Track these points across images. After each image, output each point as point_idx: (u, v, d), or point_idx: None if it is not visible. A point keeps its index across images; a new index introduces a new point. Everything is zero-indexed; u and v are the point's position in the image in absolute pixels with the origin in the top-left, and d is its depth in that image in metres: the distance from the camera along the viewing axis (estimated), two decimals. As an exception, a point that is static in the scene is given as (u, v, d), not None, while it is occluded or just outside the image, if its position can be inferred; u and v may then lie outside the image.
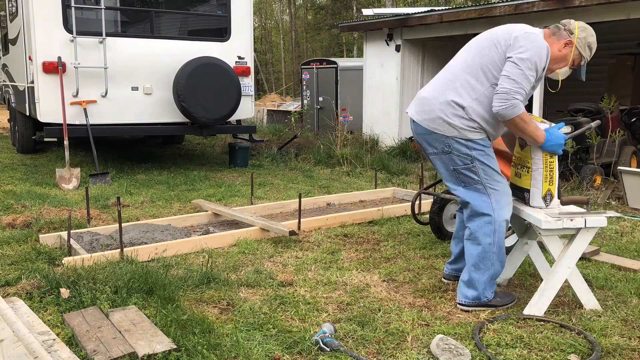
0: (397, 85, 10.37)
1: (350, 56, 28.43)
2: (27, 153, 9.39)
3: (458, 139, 3.16)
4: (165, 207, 5.83)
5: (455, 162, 3.20)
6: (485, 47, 3.15)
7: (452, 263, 3.67)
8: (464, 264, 3.54)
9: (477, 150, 3.16)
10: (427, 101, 3.25)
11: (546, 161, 3.21)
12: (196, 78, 7.65)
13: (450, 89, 3.17)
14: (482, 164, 3.17)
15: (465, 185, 3.23)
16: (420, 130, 3.31)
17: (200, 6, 8.59)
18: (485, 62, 3.12)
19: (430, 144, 3.27)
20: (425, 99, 3.27)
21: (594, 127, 4.76)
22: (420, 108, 3.29)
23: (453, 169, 3.23)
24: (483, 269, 3.22)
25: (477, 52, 3.18)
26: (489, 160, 3.20)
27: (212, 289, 3.48)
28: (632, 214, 5.61)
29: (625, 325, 3.04)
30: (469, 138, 3.15)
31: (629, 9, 7.12)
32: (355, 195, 6.39)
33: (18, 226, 4.82)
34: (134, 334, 2.75)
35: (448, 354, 2.62)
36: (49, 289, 3.35)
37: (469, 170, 3.19)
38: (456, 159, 3.19)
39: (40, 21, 7.18)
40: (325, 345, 2.70)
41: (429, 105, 3.23)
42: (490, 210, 3.16)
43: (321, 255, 4.24)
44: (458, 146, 3.17)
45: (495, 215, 3.16)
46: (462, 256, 3.55)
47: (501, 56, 3.08)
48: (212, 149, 10.90)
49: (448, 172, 3.29)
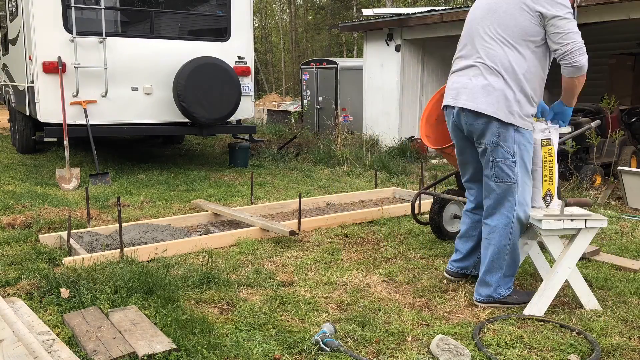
0: (397, 85, 10.37)
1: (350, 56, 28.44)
2: (27, 153, 9.39)
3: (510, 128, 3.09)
4: (165, 207, 5.83)
5: (499, 154, 3.14)
6: (512, 16, 3.08)
7: (457, 261, 3.67)
8: (470, 262, 3.57)
9: (521, 143, 3.12)
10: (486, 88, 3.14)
11: (545, 160, 3.21)
12: (196, 78, 7.65)
13: (495, 73, 3.11)
14: (522, 159, 3.14)
15: (498, 181, 3.17)
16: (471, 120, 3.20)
17: (200, 6, 8.60)
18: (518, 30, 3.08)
19: (480, 134, 3.18)
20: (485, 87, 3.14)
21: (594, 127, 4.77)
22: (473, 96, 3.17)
23: (492, 160, 3.17)
24: (497, 268, 3.25)
25: (503, 23, 3.11)
26: (529, 157, 3.17)
27: (212, 289, 3.48)
28: (632, 214, 5.61)
29: (625, 325, 3.04)
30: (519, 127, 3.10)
31: (629, 9, 7.12)
32: (355, 195, 6.39)
33: (18, 226, 4.82)
34: (134, 334, 2.75)
35: (448, 354, 2.62)
36: (49, 289, 3.35)
37: (507, 166, 3.14)
38: (501, 150, 3.13)
39: (40, 21, 7.18)
40: (325, 345, 2.70)
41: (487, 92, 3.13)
42: (512, 211, 3.17)
43: (321, 255, 4.24)
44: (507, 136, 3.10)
45: (513, 216, 3.17)
46: (469, 255, 3.60)
47: (534, 19, 3.03)
48: (212, 149, 10.90)
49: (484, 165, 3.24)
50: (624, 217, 5.48)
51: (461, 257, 3.65)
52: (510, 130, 3.09)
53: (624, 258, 4.18)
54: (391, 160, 8.71)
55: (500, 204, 3.19)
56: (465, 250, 3.62)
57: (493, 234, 3.23)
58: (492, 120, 3.10)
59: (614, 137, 7.16)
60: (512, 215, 3.16)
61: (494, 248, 3.23)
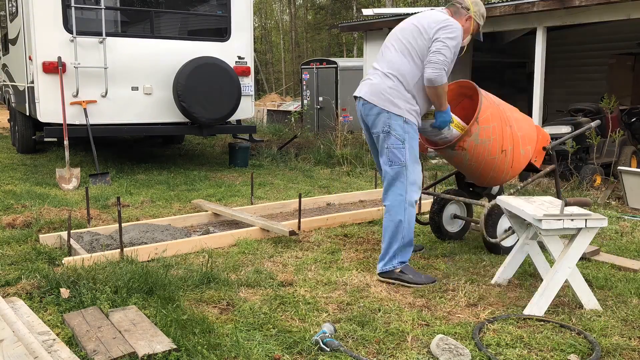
0: (397, 85, 10.34)
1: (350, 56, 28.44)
2: (27, 153, 9.39)
3: None
4: (165, 207, 5.83)
5: (391, 141, 3.68)
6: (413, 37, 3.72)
7: None
8: None
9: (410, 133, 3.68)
10: None
11: None
12: (196, 78, 7.65)
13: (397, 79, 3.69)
14: (411, 147, 3.68)
15: (391, 164, 3.70)
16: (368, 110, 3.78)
17: (200, 6, 8.60)
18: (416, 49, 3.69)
19: None
20: None
21: (594, 127, 4.76)
22: None
23: (386, 147, 3.71)
24: (394, 242, 3.69)
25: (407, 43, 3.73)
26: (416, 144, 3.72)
27: (212, 289, 3.48)
28: (632, 214, 5.61)
29: (625, 325, 3.04)
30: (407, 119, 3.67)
31: (629, 9, 7.12)
32: (355, 195, 6.39)
33: (18, 226, 4.82)
34: (134, 334, 2.75)
35: (448, 354, 2.62)
36: (49, 289, 3.35)
37: (398, 151, 3.67)
38: (392, 138, 3.67)
39: (40, 21, 7.18)
40: (325, 345, 2.70)
41: None
42: (404, 190, 3.69)
43: (321, 255, 4.24)
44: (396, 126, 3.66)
45: (405, 195, 3.68)
46: None
47: (427, 42, 3.64)
48: (212, 149, 10.90)
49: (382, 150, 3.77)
50: (624, 217, 5.48)
51: None
52: (399, 121, 3.64)
53: (624, 258, 4.18)
54: (391, 160, 8.69)
55: (393, 184, 3.71)
56: None
57: (389, 212, 3.72)
58: (383, 112, 3.66)
59: (614, 137, 7.16)
60: (404, 194, 3.67)
61: (392, 224, 3.69)
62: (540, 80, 8.07)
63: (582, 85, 11.37)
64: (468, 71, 10.90)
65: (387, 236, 3.73)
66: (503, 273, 3.65)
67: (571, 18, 7.76)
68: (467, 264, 4.06)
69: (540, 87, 8.10)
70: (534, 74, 8.18)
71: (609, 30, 10.37)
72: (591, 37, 11.17)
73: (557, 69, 11.18)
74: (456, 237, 4.68)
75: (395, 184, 3.70)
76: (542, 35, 8.02)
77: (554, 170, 4.40)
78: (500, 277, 3.66)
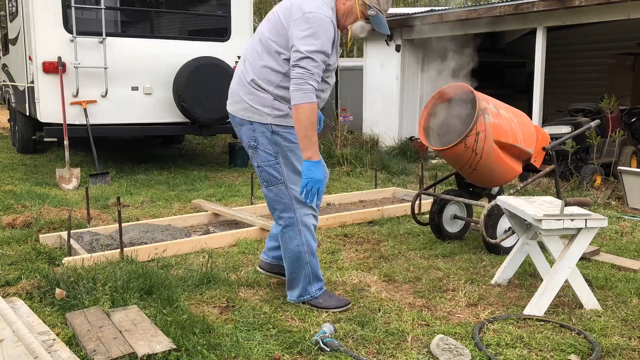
0: (397, 85, 10.36)
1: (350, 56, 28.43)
2: (27, 153, 9.38)
3: None
4: (165, 207, 5.83)
5: (261, 158, 3.06)
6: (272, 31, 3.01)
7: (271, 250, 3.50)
8: None
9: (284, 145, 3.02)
10: None
11: None
12: (196, 78, 7.64)
13: None
14: (287, 160, 3.04)
15: (267, 185, 3.10)
16: None
17: (200, 6, 8.59)
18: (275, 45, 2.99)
19: None
20: None
21: (594, 127, 4.76)
22: None
23: (257, 165, 3.10)
24: (299, 270, 3.18)
25: None
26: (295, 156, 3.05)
27: (212, 289, 3.48)
28: (632, 214, 5.61)
29: (625, 325, 3.04)
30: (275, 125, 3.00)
31: (629, 9, 7.12)
32: (355, 195, 6.39)
33: (18, 226, 4.82)
34: (134, 334, 2.75)
35: (448, 354, 2.62)
36: (49, 289, 3.35)
37: (272, 168, 3.05)
38: (261, 154, 3.05)
39: (40, 21, 7.17)
40: (325, 345, 2.70)
41: None
42: (291, 211, 3.08)
43: (321, 255, 4.24)
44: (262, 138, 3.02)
45: (295, 215, 3.09)
46: None
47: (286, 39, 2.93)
48: (212, 149, 10.90)
49: None
50: (624, 217, 5.48)
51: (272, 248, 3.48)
52: (265, 132, 3.00)
53: (624, 258, 4.18)
54: (391, 160, 8.71)
55: (278, 208, 3.10)
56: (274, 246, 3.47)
57: (283, 238, 3.15)
58: (245, 122, 3.04)
59: (614, 137, 7.16)
60: (294, 214, 3.08)
61: (290, 252, 3.15)
62: (540, 80, 8.07)
63: (582, 85, 11.37)
64: (468, 71, 10.91)
65: (287, 265, 3.21)
66: (503, 273, 3.65)
67: (571, 18, 7.76)
68: (467, 264, 4.06)
69: (540, 87, 8.10)
70: (534, 74, 8.18)
71: (609, 30, 10.37)
72: (591, 37, 11.17)
73: (557, 69, 11.17)
74: (456, 237, 4.68)
75: (279, 206, 3.10)
76: (542, 35, 8.02)
77: (553, 170, 4.41)
78: (500, 277, 3.66)
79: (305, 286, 3.22)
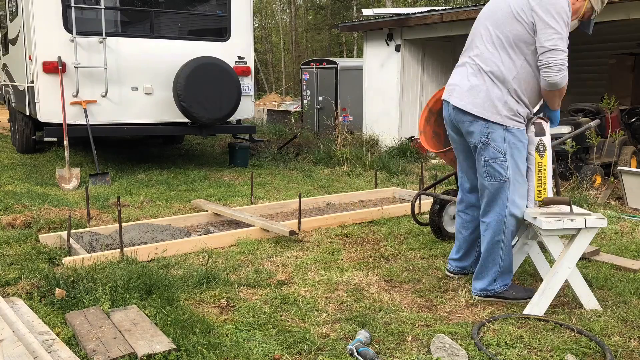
0: (397, 85, 10.37)
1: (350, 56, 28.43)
2: (27, 153, 9.38)
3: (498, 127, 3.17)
4: (165, 207, 5.83)
5: (489, 153, 3.21)
6: (507, 23, 3.14)
7: (456, 260, 3.74)
8: (467, 262, 3.65)
9: (512, 142, 3.19)
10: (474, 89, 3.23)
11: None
12: (196, 78, 7.64)
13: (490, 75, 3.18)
14: (512, 158, 3.20)
15: (490, 179, 3.25)
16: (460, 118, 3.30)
17: (200, 6, 8.59)
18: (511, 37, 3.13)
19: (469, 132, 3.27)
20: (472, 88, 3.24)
21: (594, 127, 4.77)
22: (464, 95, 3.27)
23: (484, 160, 3.24)
24: (491, 263, 3.33)
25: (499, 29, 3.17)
26: (520, 155, 3.23)
27: (212, 289, 3.48)
28: (632, 214, 5.61)
29: (625, 325, 3.04)
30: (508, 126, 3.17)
31: (629, 9, 7.12)
32: (355, 195, 6.39)
33: (18, 226, 4.82)
34: (134, 333, 2.75)
35: (442, 352, 2.63)
36: (49, 289, 3.35)
37: (498, 164, 3.21)
38: (491, 149, 3.20)
39: (40, 21, 7.17)
40: (360, 355, 2.58)
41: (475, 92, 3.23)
42: (505, 208, 3.24)
43: (321, 255, 4.24)
44: (496, 135, 3.17)
45: (506, 213, 3.25)
46: (466, 255, 3.68)
47: (528, 27, 3.07)
48: (212, 149, 10.90)
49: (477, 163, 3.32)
50: (624, 217, 5.48)
51: (459, 257, 3.72)
52: (498, 130, 3.16)
53: (624, 258, 4.18)
54: (391, 160, 8.71)
55: (494, 201, 3.27)
56: (462, 250, 3.69)
57: (487, 230, 3.32)
58: (479, 119, 3.19)
59: (614, 137, 7.16)
60: (505, 212, 3.24)
61: (488, 244, 3.31)
62: (540, 80, 8.05)
63: (582, 85, 11.37)
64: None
65: (482, 256, 3.38)
66: (503, 273, 3.65)
67: (571, 18, 7.75)
68: (467, 264, 4.06)
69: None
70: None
71: (609, 30, 10.37)
72: (591, 37, 11.16)
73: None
74: (456, 237, 4.68)
75: (496, 201, 3.26)
76: (542, 35, 8.00)
77: (553, 170, 4.40)
78: (500, 277, 3.65)
79: (491, 282, 3.35)
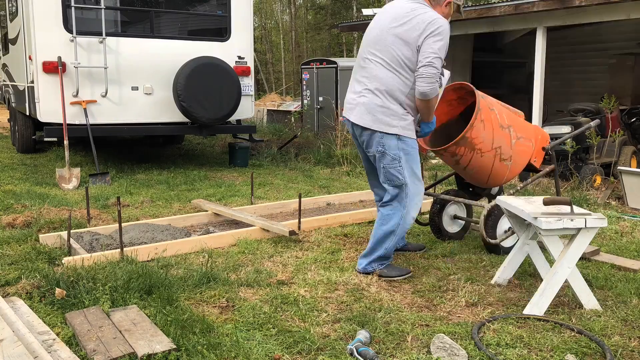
0: (397, 85, 10.35)
1: (350, 56, 28.42)
2: (27, 153, 9.38)
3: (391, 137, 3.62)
4: (165, 207, 5.83)
5: (387, 160, 3.64)
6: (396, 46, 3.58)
7: None
8: None
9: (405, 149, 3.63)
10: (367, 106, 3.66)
11: None
12: (196, 78, 7.64)
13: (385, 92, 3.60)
14: (407, 163, 3.64)
15: (390, 183, 3.70)
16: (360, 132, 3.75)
17: (200, 6, 8.59)
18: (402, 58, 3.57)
19: None
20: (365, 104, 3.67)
21: (594, 127, 4.76)
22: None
23: (383, 167, 3.68)
24: (378, 249, 3.74)
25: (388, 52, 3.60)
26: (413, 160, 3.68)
27: (212, 289, 3.48)
28: (632, 214, 5.61)
29: (625, 325, 3.04)
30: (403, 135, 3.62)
31: (629, 9, 7.12)
32: (355, 195, 6.39)
33: (18, 226, 4.82)
34: (134, 333, 2.75)
35: (442, 352, 2.62)
36: (49, 289, 3.35)
37: (395, 170, 3.66)
38: (388, 157, 3.63)
39: (40, 21, 7.17)
40: (360, 355, 2.59)
41: None
42: (404, 205, 3.70)
43: (321, 255, 4.24)
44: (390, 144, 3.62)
45: (404, 210, 3.70)
46: None
47: (414, 52, 3.52)
48: (212, 149, 10.90)
49: None
50: (624, 217, 5.48)
51: None
52: (392, 140, 3.60)
53: (624, 258, 4.18)
54: (391, 160, 8.69)
55: (395, 200, 3.72)
56: None
57: (384, 219, 3.73)
58: (375, 132, 3.62)
59: (614, 137, 7.16)
60: (404, 209, 3.69)
61: (382, 232, 3.72)
62: (540, 80, 8.07)
63: (582, 85, 11.37)
64: (468, 71, 10.90)
65: (374, 240, 3.78)
66: (503, 273, 3.65)
67: (571, 18, 7.76)
68: (467, 264, 4.06)
69: (540, 87, 8.11)
70: (534, 74, 8.18)
71: (609, 30, 10.38)
72: (591, 37, 11.17)
73: (557, 69, 11.18)
74: (456, 237, 4.68)
75: (397, 199, 3.71)
76: (542, 35, 8.02)
77: (553, 170, 4.40)
78: (500, 277, 3.66)
79: (371, 262, 3.77)
